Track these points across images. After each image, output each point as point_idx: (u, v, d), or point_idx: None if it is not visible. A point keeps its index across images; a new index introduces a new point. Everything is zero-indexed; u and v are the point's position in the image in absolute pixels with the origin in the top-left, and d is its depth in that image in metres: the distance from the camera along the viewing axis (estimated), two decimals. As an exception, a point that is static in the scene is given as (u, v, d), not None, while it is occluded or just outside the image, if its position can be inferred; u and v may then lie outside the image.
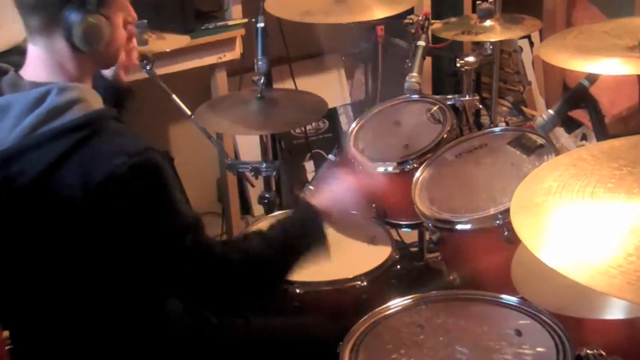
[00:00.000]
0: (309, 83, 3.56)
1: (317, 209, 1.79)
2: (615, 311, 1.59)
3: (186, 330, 1.77)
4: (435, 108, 2.44)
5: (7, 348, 1.74)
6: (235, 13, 3.13)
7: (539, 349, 1.56)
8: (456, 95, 2.57)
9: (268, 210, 2.68)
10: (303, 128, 3.53)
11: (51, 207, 1.49)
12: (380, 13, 2.62)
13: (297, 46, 3.50)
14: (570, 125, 3.73)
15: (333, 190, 1.88)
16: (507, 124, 3.27)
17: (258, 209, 3.43)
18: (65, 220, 1.49)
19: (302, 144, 3.61)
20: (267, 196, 2.69)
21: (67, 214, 1.48)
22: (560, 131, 3.67)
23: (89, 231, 1.49)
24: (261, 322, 1.98)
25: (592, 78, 2.16)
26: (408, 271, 2.72)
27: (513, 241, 1.86)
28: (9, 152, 1.48)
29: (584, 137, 3.77)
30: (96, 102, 1.56)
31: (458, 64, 2.56)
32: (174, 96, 2.46)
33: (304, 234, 1.77)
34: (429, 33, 2.60)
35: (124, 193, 1.47)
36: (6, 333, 1.73)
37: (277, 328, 1.95)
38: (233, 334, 1.88)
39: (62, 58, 1.56)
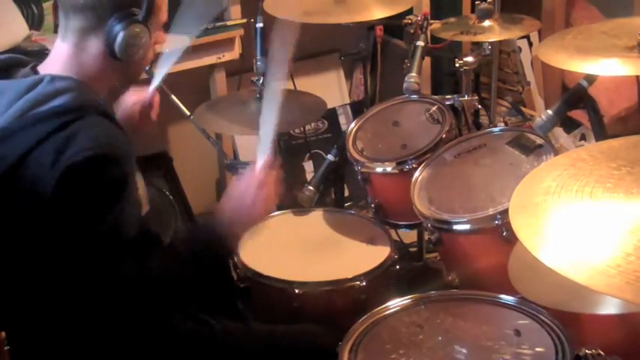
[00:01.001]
0: (308, 83, 3.56)
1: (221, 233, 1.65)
2: (612, 307, 1.59)
3: (186, 333, 1.77)
4: (434, 108, 2.44)
5: (6, 348, 1.74)
6: (234, 14, 3.12)
7: (538, 349, 1.56)
8: (455, 95, 2.57)
9: (267, 210, 2.68)
10: (302, 128, 3.52)
11: (24, 192, 1.48)
12: (379, 13, 2.62)
13: (296, 46, 3.49)
14: (569, 125, 3.73)
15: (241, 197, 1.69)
16: (506, 124, 3.28)
17: (257, 209, 3.42)
18: (36, 208, 1.48)
19: (301, 144, 3.60)
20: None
21: (35, 198, 1.47)
22: (559, 131, 3.67)
23: (60, 222, 1.48)
24: (261, 326, 1.99)
25: (591, 78, 2.16)
26: (407, 271, 2.73)
27: (512, 241, 1.86)
28: None
29: (583, 137, 3.77)
30: (88, 94, 1.56)
31: (457, 65, 2.56)
32: (173, 96, 2.45)
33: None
34: (428, 33, 2.60)
35: (76, 185, 1.46)
36: (3, 333, 1.73)
37: (277, 331, 1.96)
38: (233, 337, 1.88)
39: (89, 61, 1.58)
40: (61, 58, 1.59)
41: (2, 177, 1.49)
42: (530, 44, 3.92)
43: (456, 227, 2.04)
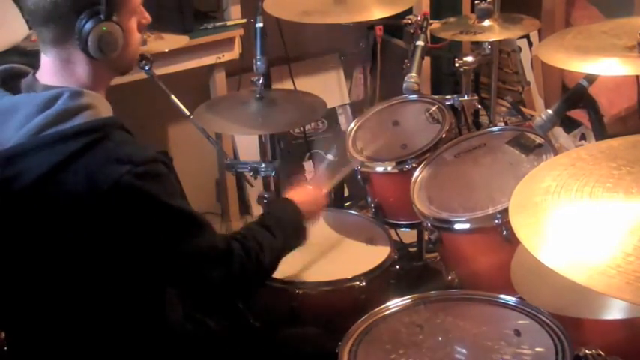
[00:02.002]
0: (308, 83, 3.56)
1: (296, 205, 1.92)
2: (614, 311, 1.59)
3: (186, 334, 1.77)
4: (434, 108, 2.44)
5: (5, 348, 1.74)
6: (234, 14, 3.13)
7: (538, 349, 1.56)
8: (455, 95, 2.57)
9: (267, 210, 2.68)
10: (302, 128, 3.52)
11: (51, 210, 1.48)
12: (378, 13, 2.62)
13: (295, 47, 3.50)
14: (569, 125, 3.73)
15: (309, 192, 2.04)
16: (506, 123, 3.27)
17: (257, 209, 3.43)
18: (65, 224, 1.49)
19: (301, 144, 3.60)
20: (266, 196, 2.68)
21: (67, 218, 1.48)
22: (559, 131, 3.67)
23: (90, 236, 1.49)
24: (260, 327, 1.98)
25: (591, 78, 2.16)
26: (406, 271, 2.72)
27: (512, 240, 1.86)
28: (12, 152, 1.48)
29: (583, 137, 3.77)
30: (106, 110, 1.56)
31: (457, 64, 2.56)
32: (173, 96, 2.45)
33: (290, 223, 1.88)
34: (428, 33, 2.60)
35: (129, 201, 1.47)
36: (3, 333, 1.73)
37: (277, 332, 1.96)
38: (233, 339, 1.88)
39: (77, 67, 1.57)
40: (54, 70, 1.57)
41: (23, 193, 1.47)
42: (530, 44, 3.92)
43: (455, 227, 2.04)
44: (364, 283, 2.05)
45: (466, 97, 2.56)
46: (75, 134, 1.47)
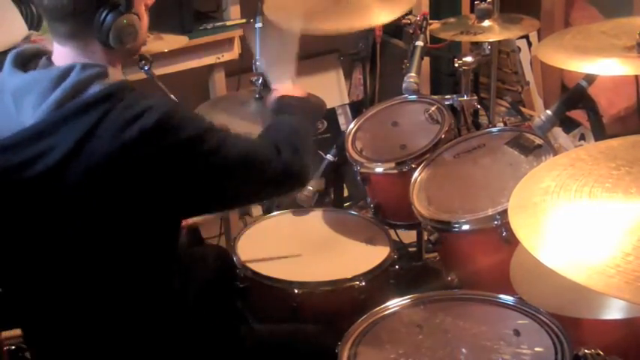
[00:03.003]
0: (308, 83, 3.54)
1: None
2: (613, 311, 1.59)
3: (185, 334, 1.77)
4: (433, 108, 2.44)
5: (5, 348, 1.74)
6: (233, 14, 3.12)
7: (537, 349, 1.56)
8: (454, 95, 2.57)
9: (266, 210, 2.68)
10: (301, 128, 3.52)
11: (86, 179, 1.48)
12: (380, 18, 2.63)
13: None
14: (569, 125, 3.73)
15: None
16: (505, 124, 3.26)
17: (256, 209, 3.43)
18: (102, 189, 1.49)
19: (300, 144, 3.60)
20: (265, 196, 2.68)
21: (104, 183, 1.48)
22: (558, 131, 3.67)
23: (129, 196, 1.50)
24: (259, 327, 1.99)
25: (590, 78, 2.16)
26: (406, 271, 2.72)
27: (511, 241, 1.86)
28: (37, 128, 1.48)
29: (582, 137, 3.77)
30: (118, 76, 1.59)
31: (456, 65, 2.56)
32: (172, 96, 2.45)
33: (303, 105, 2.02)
34: (427, 33, 2.60)
35: (165, 143, 1.49)
36: (6, 333, 1.74)
37: (276, 331, 1.96)
38: (234, 340, 1.88)
39: (95, 54, 1.58)
40: (68, 58, 1.58)
41: (53, 169, 1.47)
42: (530, 44, 3.93)
43: (455, 227, 2.04)
44: (364, 283, 2.05)
45: (465, 98, 2.55)
46: (94, 102, 1.48)
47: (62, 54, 1.59)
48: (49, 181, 1.49)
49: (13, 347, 1.73)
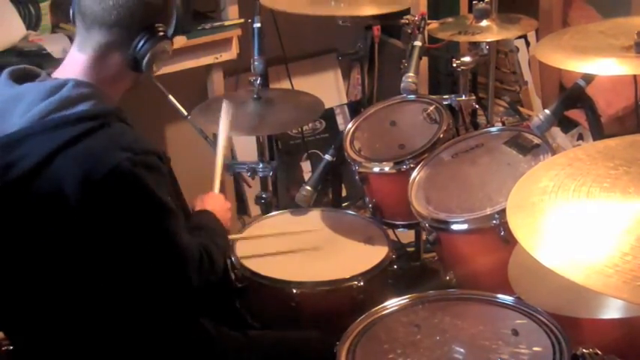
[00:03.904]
0: (306, 83, 3.56)
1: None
2: (611, 311, 1.59)
3: (184, 337, 1.77)
4: (432, 108, 2.44)
5: (4, 349, 1.74)
6: (231, 14, 3.12)
7: (535, 349, 1.56)
8: (453, 95, 2.57)
9: (265, 210, 2.68)
10: (299, 128, 3.52)
11: (45, 196, 1.48)
12: (375, 10, 2.62)
13: (293, 46, 3.50)
14: (567, 125, 3.74)
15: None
16: (504, 123, 3.27)
17: (254, 210, 3.43)
18: (59, 211, 1.49)
19: (299, 144, 3.60)
20: (263, 196, 2.69)
21: (61, 205, 1.48)
22: (556, 131, 3.68)
23: (83, 224, 1.49)
24: (258, 333, 1.98)
25: (588, 78, 2.17)
26: (404, 271, 2.73)
27: (509, 240, 1.87)
28: (15, 136, 1.49)
29: (580, 137, 3.77)
30: (109, 102, 1.58)
31: (454, 64, 2.56)
32: (170, 96, 2.45)
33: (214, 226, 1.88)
34: (426, 33, 2.60)
35: (123, 187, 1.48)
36: (1, 334, 1.73)
37: (274, 339, 1.95)
38: (231, 344, 1.88)
39: (108, 71, 1.59)
40: (78, 66, 1.59)
41: (24, 177, 1.48)
42: (528, 44, 3.93)
43: (453, 227, 2.04)
44: (362, 283, 2.05)
45: (464, 97, 2.55)
46: (77, 119, 1.48)
47: (75, 62, 1.59)
48: (20, 189, 1.49)
49: (12, 348, 1.72)
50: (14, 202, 1.51)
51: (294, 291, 2.03)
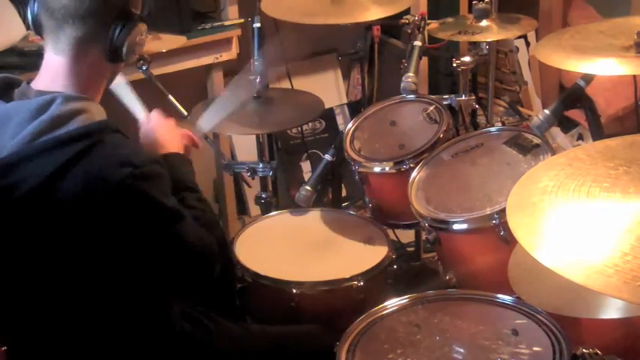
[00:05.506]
0: (306, 83, 3.56)
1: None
2: (611, 311, 1.59)
3: (183, 334, 1.77)
4: (432, 108, 2.44)
5: (4, 349, 1.74)
6: (231, 14, 3.12)
7: (535, 349, 1.56)
8: (452, 95, 2.57)
9: (265, 210, 2.68)
10: (299, 128, 3.52)
11: (50, 218, 1.48)
12: (376, 13, 2.62)
13: (293, 46, 3.50)
14: (566, 125, 3.74)
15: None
16: (503, 123, 3.28)
17: (254, 209, 3.43)
18: (64, 230, 1.48)
19: (299, 144, 3.60)
20: (263, 196, 2.69)
21: (67, 224, 1.48)
22: (556, 131, 3.68)
23: (90, 238, 1.49)
24: (257, 327, 1.98)
25: (588, 78, 2.16)
26: (404, 270, 2.73)
27: (509, 240, 1.87)
28: (9, 160, 1.47)
29: (580, 137, 3.77)
30: (99, 114, 1.55)
31: (454, 64, 2.55)
32: (170, 96, 2.45)
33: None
34: (425, 33, 2.60)
35: (130, 202, 1.48)
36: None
37: (274, 332, 1.96)
38: (230, 339, 1.88)
39: (87, 71, 1.56)
40: (56, 72, 1.55)
41: (26, 200, 1.46)
42: (528, 44, 3.93)
43: (453, 227, 2.04)
44: (362, 283, 2.05)
45: (464, 97, 2.55)
46: (70, 139, 1.46)
47: (54, 67, 1.55)
48: (23, 212, 1.48)
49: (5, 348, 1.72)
50: (18, 224, 1.50)
51: (294, 291, 2.03)
